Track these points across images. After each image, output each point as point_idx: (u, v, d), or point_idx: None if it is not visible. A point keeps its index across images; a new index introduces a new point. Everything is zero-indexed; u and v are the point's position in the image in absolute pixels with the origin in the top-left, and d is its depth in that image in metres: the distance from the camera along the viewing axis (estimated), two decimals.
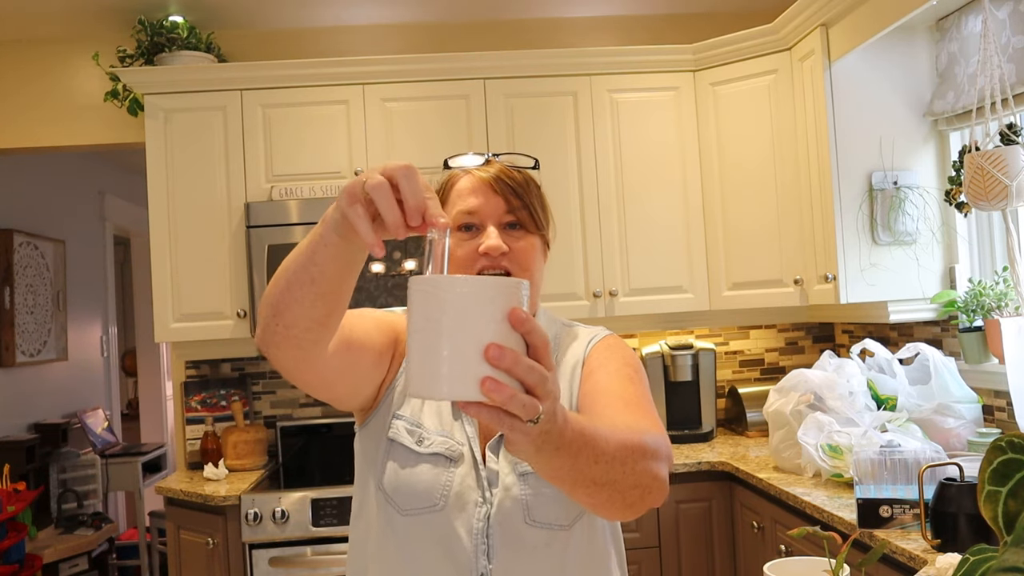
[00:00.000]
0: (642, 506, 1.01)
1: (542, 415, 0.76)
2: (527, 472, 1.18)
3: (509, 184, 1.20)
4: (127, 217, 5.82)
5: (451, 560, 1.15)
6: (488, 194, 1.20)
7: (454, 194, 1.23)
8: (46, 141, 3.46)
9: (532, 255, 1.21)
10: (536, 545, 1.16)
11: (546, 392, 0.75)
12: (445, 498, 1.16)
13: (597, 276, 3.16)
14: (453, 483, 1.16)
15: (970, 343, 2.57)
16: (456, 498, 1.16)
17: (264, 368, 3.45)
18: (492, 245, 1.17)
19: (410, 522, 1.16)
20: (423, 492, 1.16)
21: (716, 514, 2.84)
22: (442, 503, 1.16)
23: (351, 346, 1.12)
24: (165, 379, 6.15)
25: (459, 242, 1.20)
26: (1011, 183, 2.15)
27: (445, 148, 3.08)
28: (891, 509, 1.91)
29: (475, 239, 1.19)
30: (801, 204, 2.94)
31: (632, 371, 1.25)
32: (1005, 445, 0.70)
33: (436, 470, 1.17)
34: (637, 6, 3.51)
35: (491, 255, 1.17)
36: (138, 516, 4.52)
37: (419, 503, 1.16)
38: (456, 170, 1.25)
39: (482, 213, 1.20)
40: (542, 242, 1.25)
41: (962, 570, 0.70)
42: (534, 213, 1.22)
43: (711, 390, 3.28)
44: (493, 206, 1.20)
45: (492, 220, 1.19)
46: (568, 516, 1.19)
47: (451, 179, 1.25)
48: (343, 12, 3.41)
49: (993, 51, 2.23)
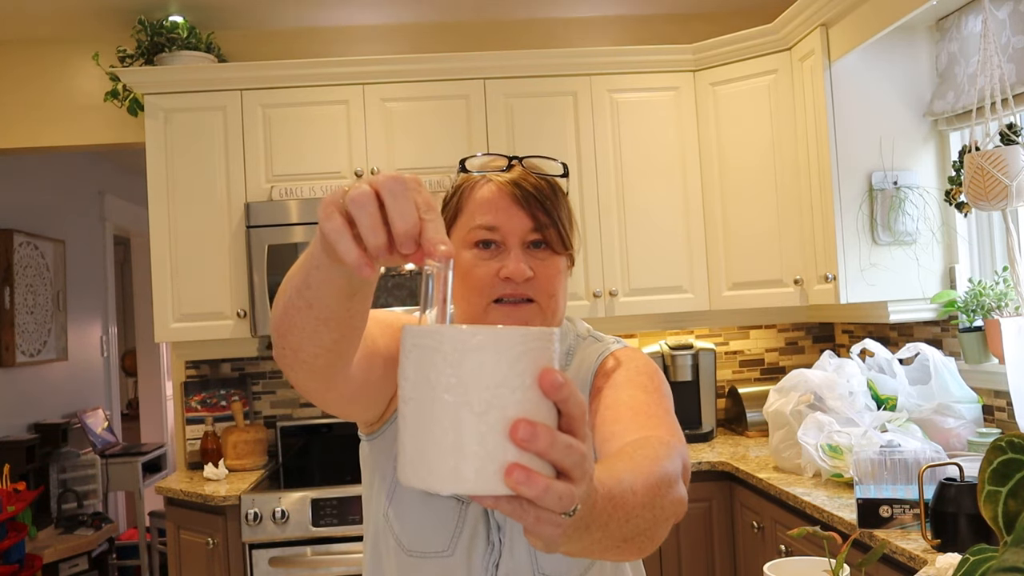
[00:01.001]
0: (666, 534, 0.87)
1: (579, 506, 0.62)
2: None
3: (536, 196, 1.05)
4: (127, 217, 5.82)
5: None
6: (512, 207, 1.05)
7: (472, 204, 1.07)
8: (46, 141, 3.46)
9: (558, 280, 1.07)
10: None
11: (583, 473, 0.60)
12: (454, 544, 1.07)
13: (597, 276, 3.16)
14: (465, 527, 1.07)
15: (970, 343, 2.57)
16: (467, 542, 1.07)
17: (264, 368, 3.45)
18: (516, 270, 1.03)
19: (416, 563, 1.08)
20: (431, 534, 1.07)
21: (716, 514, 2.84)
22: (451, 549, 1.06)
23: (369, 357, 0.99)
24: (165, 379, 6.15)
25: (476, 261, 1.05)
26: (1011, 183, 2.15)
27: (445, 148, 3.08)
28: (891, 509, 1.91)
29: (494, 259, 1.05)
30: (801, 204, 2.94)
31: (646, 378, 1.13)
32: (1005, 445, 0.70)
33: (448, 511, 1.08)
34: (637, 6, 3.51)
35: (514, 280, 1.03)
36: (138, 516, 4.52)
37: (427, 546, 1.07)
38: (474, 174, 1.09)
39: (504, 229, 1.04)
40: (568, 262, 1.10)
41: (962, 570, 0.70)
42: (562, 231, 1.07)
43: (711, 390, 3.28)
44: (517, 222, 1.04)
45: (515, 238, 1.05)
46: (579, 567, 1.08)
47: (468, 184, 1.09)
48: (343, 12, 3.41)
49: (993, 51, 2.23)
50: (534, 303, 1.05)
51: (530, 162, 1.09)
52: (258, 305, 2.98)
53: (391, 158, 3.12)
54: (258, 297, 2.98)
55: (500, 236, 1.05)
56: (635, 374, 1.12)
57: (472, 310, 1.06)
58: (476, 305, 1.06)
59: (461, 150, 3.08)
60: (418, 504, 1.08)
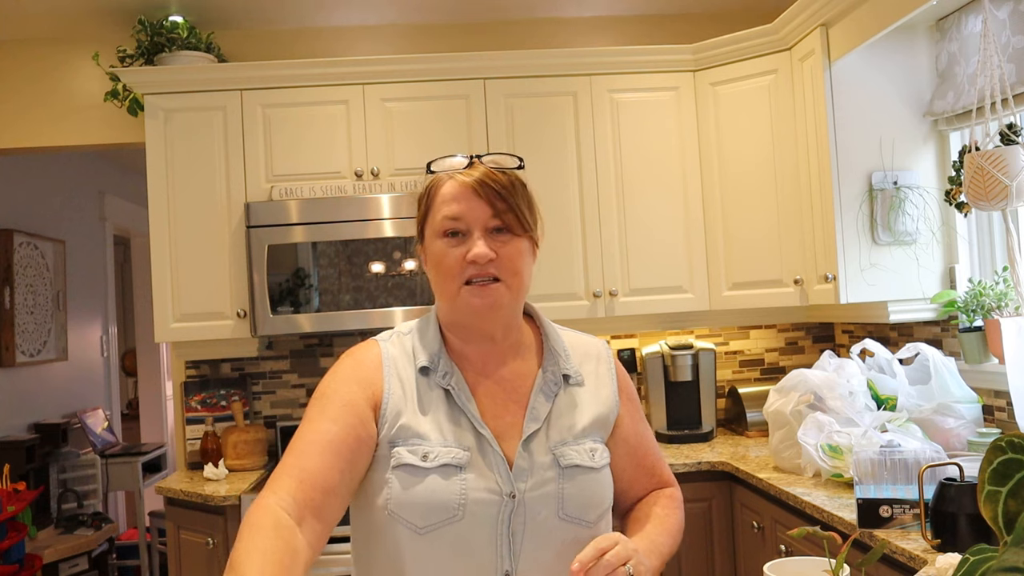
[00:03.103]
0: None
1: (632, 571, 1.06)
2: (571, 466, 1.19)
3: (493, 187, 1.18)
4: (127, 217, 5.83)
5: (474, 563, 1.14)
6: (472, 199, 1.18)
7: (439, 200, 1.21)
8: (46, 141, 3.46)
9: (520, 260, 1.21)
10: (564, 540, 1.17)
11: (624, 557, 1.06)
12: (463, 507, 1.14)
13: (597, 276, 3.16)
14: (468, 489, 1.14)
15: (970, 343, 2.57)
16: (474, 504, 1.14)
17: (264, 368, 3.45)
18: (479, 253, 1.16)
19: (430, 537, 1.14)
20: (438, 505, 1.14)
21: (716, 514, 2.84)
22: (460, 512, 1.14)
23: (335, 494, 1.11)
24: (165, 379, 6.15)
25: (446, 249, 1.19)
26: (1011, 183, 2.15)
27: (445, 148, 3.08)
28: (891, 509, 1.91)
29: (461, 246, 1.18)
30: (801, 204, 2.94)
31: (637, 406, 1.35)
32: (1005, 445, 0.70)
33: (447, 481, 1.15)
34: (637, 6, 3.51)
35: (478, 263, 1.17)
36: (138, 516, 4.51)
37: (436, 517, 1.14)
38: (440, 174, 1.23)
39: (467, 219, 1.18)
40: (530, 243, 1.24)
41: (962, 570, 0.70)
42: (520, 216, 1.20)
43: (711, 390, 3.28)
44: (478, 211, 1.18)
45: (477, 225, 1.18)
46: (595, 513, 1.21)
47: (435, 183, 1.23)
48: (343, 12, 3.41)
49: (993, 51, 2.23)
50: (500, 282, 1.19)
51: (489, 158, 1.23)
52: (258, 305, 2.98)
53: (391, 158, 3.12)
54: (258, 297, 2.98)
55: (464, 225, 1.19)
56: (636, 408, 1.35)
57: (447, 293, 1.21)
58: (450, 288, 1.20)
59: (461, 150, 3.07)
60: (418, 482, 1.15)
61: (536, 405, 1.22)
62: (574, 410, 1.25)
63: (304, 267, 3.00)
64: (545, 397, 1.24)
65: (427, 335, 1.26)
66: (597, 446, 1.24)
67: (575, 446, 1.21)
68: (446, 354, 1.24)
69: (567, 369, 1.27)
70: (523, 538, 1.15)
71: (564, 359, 1.28)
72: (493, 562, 1.14)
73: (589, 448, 1.22)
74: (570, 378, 1.27)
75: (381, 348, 1.25)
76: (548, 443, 1.20)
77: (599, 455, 1.23)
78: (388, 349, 1.25)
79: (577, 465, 1.19)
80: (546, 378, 1.25)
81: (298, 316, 2.99)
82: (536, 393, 1.24)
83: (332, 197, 3.03)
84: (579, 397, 1.26)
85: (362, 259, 3.00)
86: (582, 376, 1.28)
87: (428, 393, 1.21)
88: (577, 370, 1.28)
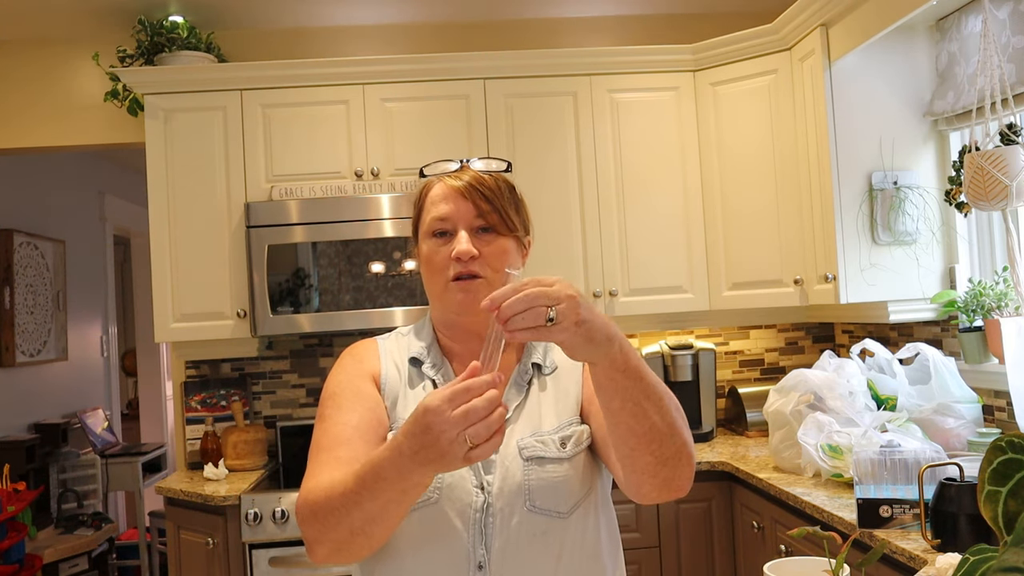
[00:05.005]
0: (675, 482, 1.12)
1: (554, 315, 0.94)
2: (534, 457, 1.20)
3: (479, 189, 1.24)
4: (127, 217, 5.83)
5: (448, 551, 1.17)
6: (458, 200, 1.24)
7: (428, 201, 1.28)
8: (46, 141, 3.46)
9: (504, 258, 1.25)
10: (534, 533, 1.19)
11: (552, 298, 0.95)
12: (438, 491, 1.18)
13: (597, 276, 3.16)
14: (444, 475, 1.17)
15: (970, 343, 2.57)
16: (449, 489, 1.18)
17: (264, 368, 3.45)
18: (462, 250, 1.21)
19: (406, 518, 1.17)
20: None
21: (716, 514, 2.84)
22: (435, 496, 1.17)
23: None
24: (165, 379, 6.15)
25: (434, 248, 1.25)
26: (1011, 183, 2.15)
27: (445, 148, 3.08)
28: (891, 509, 1.91)
29: (448, 245, 1.24)
30: (801, 204, 2.94)
31: None
32: (1005, 445, 0.70)
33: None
34: (637, 6, 3.51)
35: (462, 259, 1.22)
36: (138, 516, 4.51)
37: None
38: (431, 178, 1.30)
39: (453, 219, 1.24)
40: (516, 243, 1.28)
41: (962, 570, 0.70)
42: (505, 216, 1.25)
43: (711, 390, 3.28)
44: (464, 211, 1.24)
45: (463, 225, 1.24)
46: (567, 504, 1.21)
47: (426, 187, 1.30)
48: (343, 12, 3.41)
49: (993, 51, 2.23)
50: (483, 279, 1.23)
51: (477, 163, 1.29)
52: (258, 305, 2.98)
53: (391, 158, 3.12)
54: (258, 297, 2.97)
55: (451, 225, 1.24)
56: None
57: (435, 290, 1.27)
58: (437, 285, 1.26)
59: (461, 150, 3.08)
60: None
61: (508, 398, 1.26)
62: (547, 399, 1.28)
63: (304, 267, 3.00)
64: (517, 390, 1.27)
65: (422, 333, 1.34)
66: (572, 432, 1.25)
67: (544, 436, 1.23)
68: (438, 349, 1.31)
69: (537, 358, 1.30)
70: (495, 530, 1.18)
71: (537, 349, 1.31)
72: (467, 551, 1.17)
73: (560, 437, 1.23)
74: (542, 367, 1.30)
75: (379, 342, 1.35)
76: (516, 436, 1.23)
77: (573, 442, 1.24)
78: (385, 343, 1.35)
79: (541, 457, 1.21)
80: (520, 370, 1.29)
81: (298, 316, 2.99)
82: (509, 387, 1.27)
83: (332, 197, 3.03)
84: (552, 384, 1.29)
85: (362, 259, 3.00)
86: (555, 362, 1.31)
87: (418, 383, 1.29)
88: (549, 357, 1.31)
